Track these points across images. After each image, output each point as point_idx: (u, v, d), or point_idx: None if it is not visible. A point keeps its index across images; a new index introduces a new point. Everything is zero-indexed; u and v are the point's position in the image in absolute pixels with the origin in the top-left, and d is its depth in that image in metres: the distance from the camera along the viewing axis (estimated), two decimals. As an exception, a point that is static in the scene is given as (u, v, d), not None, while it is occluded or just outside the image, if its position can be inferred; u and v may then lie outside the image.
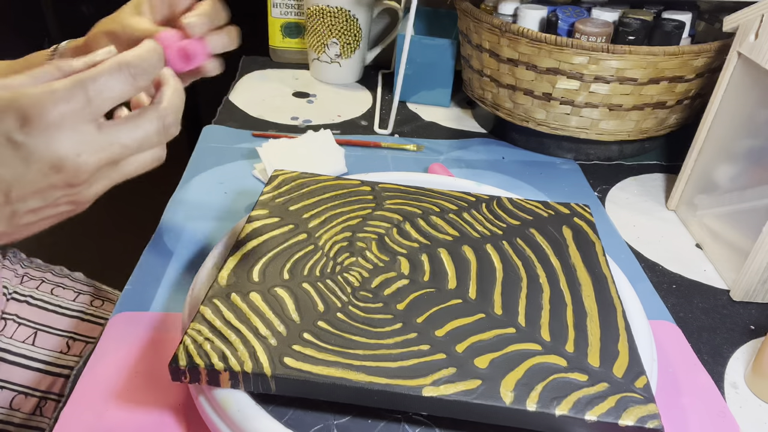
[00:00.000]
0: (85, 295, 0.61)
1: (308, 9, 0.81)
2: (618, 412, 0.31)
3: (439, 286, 0.39)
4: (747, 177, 0.52)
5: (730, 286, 0.52)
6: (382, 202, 0.47)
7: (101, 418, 0.37)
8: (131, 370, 0.40)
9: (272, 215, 0.45)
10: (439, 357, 0.34)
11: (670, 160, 0.71)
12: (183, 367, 0.32)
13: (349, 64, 0.85)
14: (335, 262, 0.41)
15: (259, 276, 0.39)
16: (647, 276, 0.52)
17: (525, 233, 0.45)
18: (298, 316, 0.36)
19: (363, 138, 0.71)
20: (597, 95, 0.62)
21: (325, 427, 0.34)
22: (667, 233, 0.59)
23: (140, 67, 0.30)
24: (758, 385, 0.42)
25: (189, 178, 0.61)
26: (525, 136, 0.70)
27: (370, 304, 0.37)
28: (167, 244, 0.52)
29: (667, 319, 0.48)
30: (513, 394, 0.32)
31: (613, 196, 0.64)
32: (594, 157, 0.70)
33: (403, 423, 0.34)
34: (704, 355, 0.45)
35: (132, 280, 0.48)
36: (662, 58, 0.59)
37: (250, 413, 0.32)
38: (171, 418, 0.37)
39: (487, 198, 0.49)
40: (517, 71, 0.64)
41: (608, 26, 0.61)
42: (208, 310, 0.36)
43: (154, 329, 0.43)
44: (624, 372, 0.34)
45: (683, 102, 0.65)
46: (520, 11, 0.65)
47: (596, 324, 0.37)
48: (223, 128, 0.71)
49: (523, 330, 0.36)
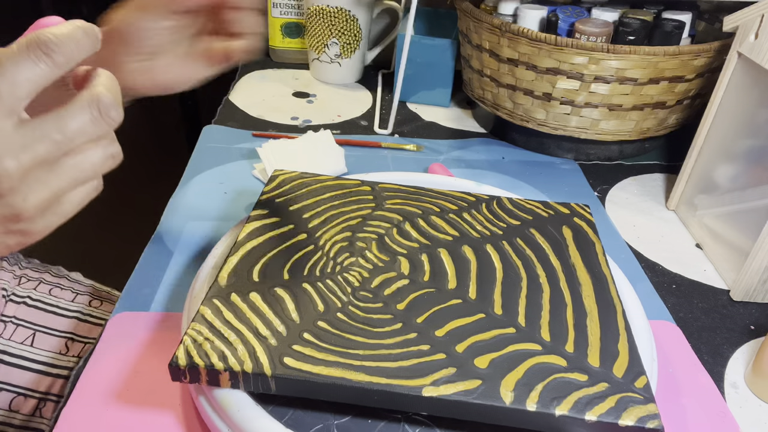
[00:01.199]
0: (84, 296, 0.61)
1: (308, 9, 0.81)
2: (618, 412, 0.31)
3: (439, 286, 0.39)
4: (747, 177, 0.52)
5: (730, 286, 0.52)
6: (382, 202, 0.47)
7: (101, 418, 0.37)
8: (131, 370, 0.40)
9: (272, 215, 0.45)
10: (439, 357, 0.34)
11: (670, 160, 0.71)
12: (183, 367, 0.32)
13: (349, 64, 0.85)
14: (335, 262, 0.41)
15: (259, 276, 0.39)
16: (647, 276, 0.52)
17: (525, 233, 0.45)
18: (298, 316, 0.36)
19: (363, 138, 0.71)
20: (597, 95, 0.62)
21: (325, 427, 0.34)
22: (667, 233, 0.59)
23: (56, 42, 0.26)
24: (758, 385, 0.42)
25: (189, 178, 0.61)
26: (525, 136, 0.70)
27: (370, 304, 0.37)
28: (167, 244, 0.52)
29: (667, 319, 0.48)
30: (513, 394, 0.32)
31: (613, 196, 0.64)
32: (594, 157, 0.70)
33: (403, 423, 0.34)
34: (704, 355, 0.45)
35: (132, 280, 0.48)
36: (662, 58, 0.59)
37: (250, 413, 0.32)
38: (171, 418, 0.37)
39: (487, 198, 0.49)
40: (517, 71, 0.64)
41: (608, 26, 0.61)
42: (208, 310, 0.36)
43: (154, 329, 0.43)
44: (624, 372, 0.34)
45: (683, 102, 0.65)
46: (520, 11, 0.65)
47: (596, 324, 0.37)
48: (223, 128, 0.71)
49: (523, 330, 0.36)
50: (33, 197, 0.26)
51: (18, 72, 0.25)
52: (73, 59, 0.26)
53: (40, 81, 0.25)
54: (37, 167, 0.26)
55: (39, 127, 0.26)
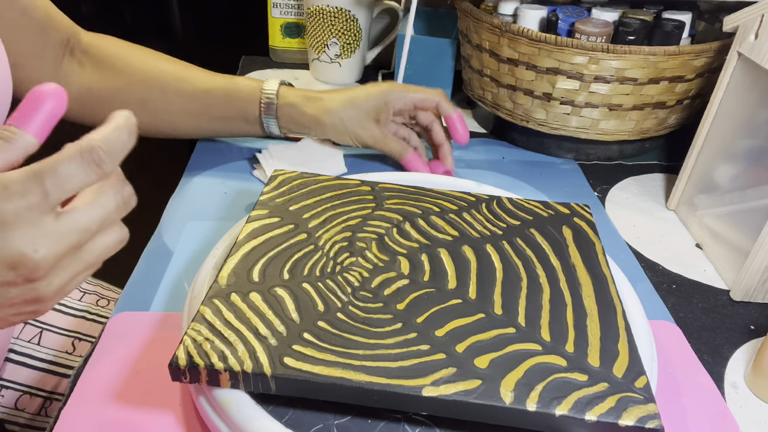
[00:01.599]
0: (91, 295, 0.61)
1: (308, 9, 0.81)
2: (618, 412, 0.31)
3: (439, 286, 0.39)
4: (747, 177, 0.52)
5: (730, 286, 0.52)
6: (382, 202, 0.47)
7: (101, 418, 0.37)
8: (131, 370, 0.40)
9: (272, 215, 0.45)
10: (439, 357, 0.34)
11: (670, 160, 0.71)
12: (183, 367, 0.32)
13: (349, 64, 0.85)
14: (335, 262, 0.41)
15: (259, 276, 0.39)
16: (647, 276, 0.52)
17: (525, 233, 0.45)
18: (298, 316, 0.36)
19: (363, 138, 0.71)
20: (597, 95, 0.62)
21: (325, 427, 0.34)
22: (667, 233, 0.59)
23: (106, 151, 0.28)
24: (758, 385, 0.42)
25: (189, 178, 0.61)
26: (525, 136, 0.70)
27: (370, 304, 0.37)
28: (167, 244, 0.52)
29: (667, 319, 0.48)
30: (513, 394, 0.32)
31: (613, 196, 0.64)
32: (594, 157, 0.70)
33: (403, 423, 0.34)
34: (704, 355, 0.45)
35: (132, 280, 0.48)
36: (662, 58, 0.59)
37: (250, 413, 0.32)
38: (171, 418, 0.37)
39: (487, 198, 0.49)
40: (517, 71, 0.64)
41: (608, 26, 0.61)
42: (208, 310, 0.36)
43: (154, 329, 0.43)
44: (624, 372, 0.34)
45: (683, 102, 0.65)
46: (520, 11, 0.65)
47: (596, 324, 0.37)
48: (223, 128, 0.71)
49: (523, 330, 0.36)
50: (56, 282, 0.28)
51: (69, 178, 0.27)
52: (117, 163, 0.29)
53: (86, 185, 0.28)
54: (68, 254, 0.28)
55: (74, 219, 0.28)
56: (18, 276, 0.27)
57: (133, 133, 0.29)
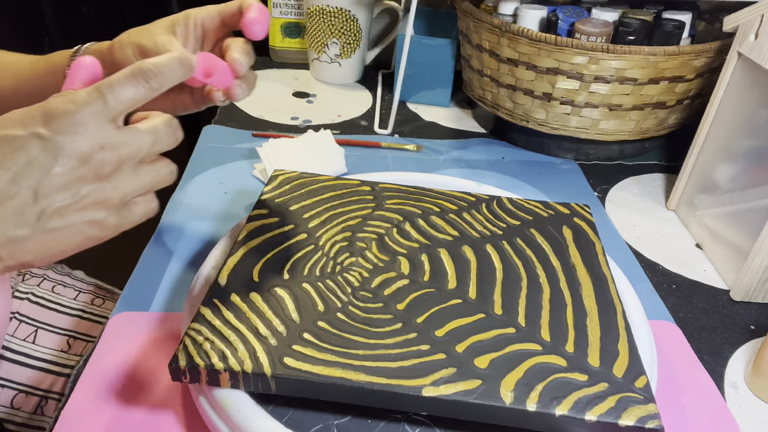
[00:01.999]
0: (86, 294, 0.61)
1: (308, 9, 0.81)
2: (618, 412, 0.31)
3: (439, 286, 0.39)
4: (747, 177, 0.52)
5: (730, 286, 0.52)
6: (382, 202, 0.47)
7: (101, 418, 0.37)
8: (131, 369, 0.40)
9: (272, 215, 0.45)
10: (439, 357, 0.34)
11: (670, 160, 0.71)
12: (183, 367, 0.32)
13: (349, 64, 0.85)
14: (335, 262, 0.41)
15: (259, 276, 0.39)
16: (647, 276, 0.52)
17: (525, 233, 0.45)
18: (298, 316, 0.36)
19: (363, 138, 0.71)
20: (597, 95, 0.62)
21: (325, 427, 0.34)
22: (667, 233, 0.59)
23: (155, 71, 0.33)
24: (758, 385, 0.42)
25: (189, 178, 0.61)
26: (525, 136, 0.70)
27: (370, 304, 0.37)
28: (167, 244, 0.52)
29: (667, 319, 0.48)
30: (513, 394, 0.32)
31: (613, 196, 0.64)
32: (594, 157, 0.70)
33: (403, 423, 0.34)
34: (704, 355, 0.45)
35: (132, 279, 0.48)
36: (662, 58, 0.59)
37: (250, 413, 0.32)
38: (171, 418, 0.37)
39: (487, 198, 0.49)
40: (517, 71, 0.64)
41: (608, 26, 0.61)
42: (208, 310, 0.36)
43: (154, 329, 0.43)
44: (624, 372, 0.34)
45: (683, 102, 0.65)
46: (520, 11, 0.65)
47: (596, 324, 0.37)
48: (223, 128, 0.71)
49: (523, 330, 0.36)
50: (121, 187, 0.32)
51: (122, 91, 0.32)
52: (166, 84, 0.33)
53: (138, 99, 0.32)
54: (126, 163, 0.32)
55: (131, 132, 0.32)
56: (89, 171, 0.31)
57: (185, 65, 0.34)
